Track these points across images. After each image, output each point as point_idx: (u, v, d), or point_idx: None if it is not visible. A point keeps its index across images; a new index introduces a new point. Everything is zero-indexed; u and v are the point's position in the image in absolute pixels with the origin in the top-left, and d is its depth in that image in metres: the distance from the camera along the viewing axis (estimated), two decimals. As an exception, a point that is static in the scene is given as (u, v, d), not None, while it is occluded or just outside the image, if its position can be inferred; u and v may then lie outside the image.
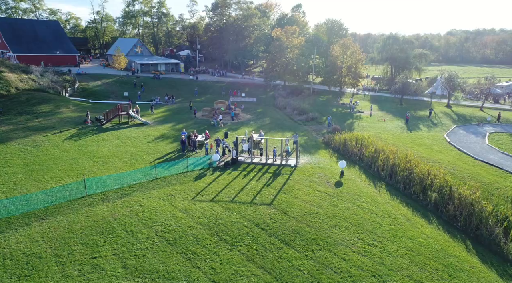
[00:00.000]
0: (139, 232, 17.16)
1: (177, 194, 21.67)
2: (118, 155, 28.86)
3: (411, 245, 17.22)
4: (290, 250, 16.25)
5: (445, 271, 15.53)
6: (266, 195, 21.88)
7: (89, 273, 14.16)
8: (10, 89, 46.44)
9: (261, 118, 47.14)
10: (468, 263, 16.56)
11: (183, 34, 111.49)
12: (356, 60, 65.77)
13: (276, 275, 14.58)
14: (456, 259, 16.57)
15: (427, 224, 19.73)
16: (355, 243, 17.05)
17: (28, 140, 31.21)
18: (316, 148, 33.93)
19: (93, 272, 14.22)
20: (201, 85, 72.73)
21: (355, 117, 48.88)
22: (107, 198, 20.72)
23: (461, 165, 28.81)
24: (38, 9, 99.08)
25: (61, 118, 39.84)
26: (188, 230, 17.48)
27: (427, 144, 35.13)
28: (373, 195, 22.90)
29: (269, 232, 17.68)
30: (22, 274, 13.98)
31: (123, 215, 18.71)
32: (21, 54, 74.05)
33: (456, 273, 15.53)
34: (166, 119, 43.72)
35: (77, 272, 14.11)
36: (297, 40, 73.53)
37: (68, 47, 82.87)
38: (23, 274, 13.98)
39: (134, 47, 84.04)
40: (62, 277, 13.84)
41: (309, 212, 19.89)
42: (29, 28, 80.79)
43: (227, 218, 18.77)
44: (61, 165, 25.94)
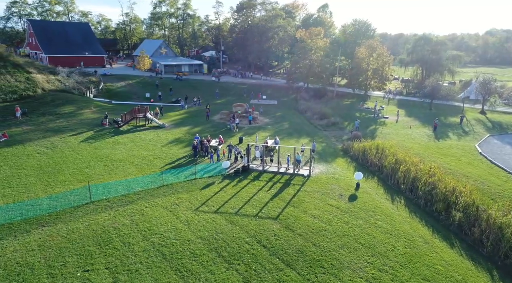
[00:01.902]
0: (136, 244, 16.58)
1: (181, 203, 21.02)
2: (130, 159, 28.68)
3: (427, 272, 15.56)
4: (291, 272, 15.08)
5: (464, 306, 13.87)
6: (273, 208, 20.78)
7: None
8: (36, 90, 47.93)
9: (280, 123, 45.96)
10: (493, 296, 14.76)
11: (208, 35, 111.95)
12: (383, 62, 63.06)
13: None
14: (478, 291, 14.82)
15: (448, 248, 17.91)
16: (364, 268, 15.62)
17: (45, 141, 31.75)
18: (334, 156, 32.38)
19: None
20: (222, 86, 72.44)
21: (379, 123, 46.65)
22: (111, 205, 20.37)
23: (493, 180, 26.38)
24: (71, 12, 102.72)
25: (81, 119, 40.50)
26: (187, 244, 16.71)
27: (456, 155, 32.66)
28: (390, 211, 21.23)
29: (271, 250, 16.59)
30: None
31: (123, 224, 18.23)
32: (52, 55, 76.66)
33: (477, 309, 13.83)
34: (183, 122, 43.49)
35: (66, 286, 13.65)
36: (322, 41, 71.73)
37: (97, 49, 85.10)
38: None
39: (159, 48, 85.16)
40: (50, 291, 13.45)
41: (317, 229, 18.60)
42: (60, 30, 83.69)
43: (229, 233, 17.86)
44: (73, 168, 26.02)
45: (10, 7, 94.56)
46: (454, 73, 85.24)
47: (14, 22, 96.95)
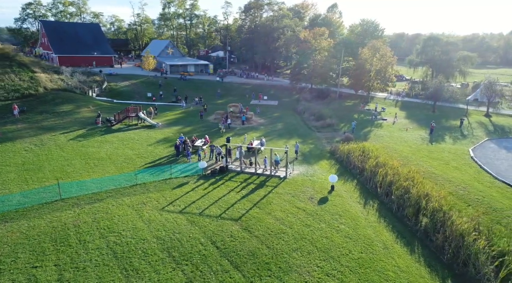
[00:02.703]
0: (91, 242, 16.85)
1: (149, 202, 21.23)
2: (112, 158, 29.17)
3: (375, 278, 15.19)
4: (237, 275, 15.01)
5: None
6: (238, 209, 20.73)
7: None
8: (38, 88, 49.30)
9: (274, 123, 45.78)
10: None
11: (217, 36, 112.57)
12: (386, 63, 61.83)
13: (210, 303, 13.49)
14: (428, 300, 14.35)
15: (407, 254, 17.40)
16: (312, 271, 15.38)
17: (35, 139, 32.66)
18: (319, 158, 31.99)
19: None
20: (226, 87, 72.74)
21: (376, 125, 45.78)
22: (79, 202, 20.78)
23: (475, 185, 25.48)
24: (83, 13, 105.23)
25: (76, 118, 41.45)
26: (141, 244, 16.86)
27: (445, 159, 31.72)
28: (358, 215, 20.82)
29: (223, 251, 16.55)
30: (-39, 278, 14.18)
31: (85, 222, 18.56)
32: (62, 55, 78.75)
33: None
34: (177, 122, 43.91)
35: (10, 282, 14.00)
36: (326, 42, 70.97)
37: (106, 49, 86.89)
38: (-38, 278, 14.18)
39: (165, 48, 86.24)
40: (-5, 285, 13.84)
41: (276, 231, 18.44)
42: (71, 30, 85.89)
43: (186, 233, 17.93)
44: (54, 166, 26.67)
45: (25, 9, 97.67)
46: (466, 75, 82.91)
47: (29, 23, 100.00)
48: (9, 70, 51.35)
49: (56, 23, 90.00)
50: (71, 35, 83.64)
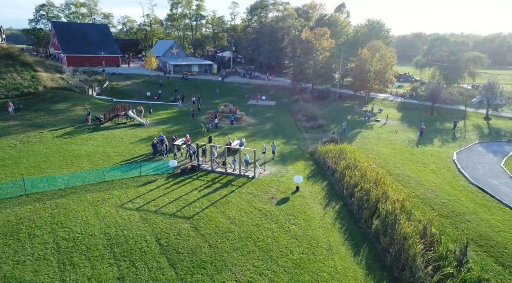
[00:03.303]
0: (40, 236, 17.42)
1: (110, 199, 21.73)
2: (91, 155, 29.93)
3: (307, 279, 15.12)
4: (170, 272, 15.24)
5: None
6: (194, 208, 20.96)
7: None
8: (38, 87, 50.90)
9: (264, 124, 45.81)
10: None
11: (224, 36, 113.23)
12: (385, 64, 60.81)
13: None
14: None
15: (351, 256, 17.20)
16: (245, 271, 15.45)
17: (23, 136, 33.83)
18: (297, 159, 31.87)
19: (-33, 272, 14.71)
20: (226, 87, 73.14)
21: (367, 127, 45.14)
22: (42, 198, 21.48)
23: (446, 189, 24.87)
24: (93, 14, 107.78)
25: (69, 116, 42.64)
26: (87, 239, 17.32)
27: (425, 161, 31.04)
28: (313, 216, 20.70)
29: (165, 248, 16.81)
30: None
31: (41, 217, 19.19)
32: (70, 55, 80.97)
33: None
34: (167, 121, 44.56)
35: (-49, 270, 14.67)
36: (327, 42, 70.37)
37: (113, 49, 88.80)
38: None
39: (170, 48, 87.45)
40: None
41: (224, 230, 18.57)
42: (80, 31, 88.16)
43: (135, 230, 18.29)
44: (32, 162, 27.60)
45: (39, 10, 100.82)
46: (475, 76, 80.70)
47: (42, 24, 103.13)
48: (12, 69, 53.23)
49: (65, 24, 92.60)
50: (80, 36, 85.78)
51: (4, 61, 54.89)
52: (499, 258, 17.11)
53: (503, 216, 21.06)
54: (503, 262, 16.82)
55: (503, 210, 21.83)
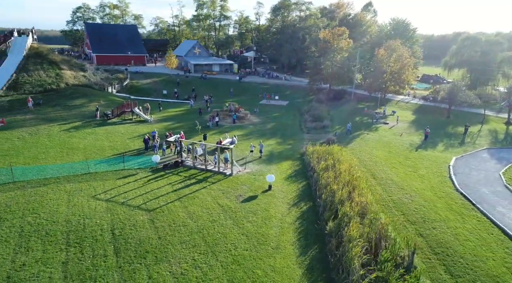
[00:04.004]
0: (9, 220, 18.91)
1: (86, 190, 23.04)
2: (87, 148, 31.75)
3: (239, 275, 15.31)
4: (112, 259, 16.05)
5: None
6: (160, 201, 21.75)
7: None
8: (60, 84, 54.43)
9: (267, 123, 45.98)
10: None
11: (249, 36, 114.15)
12: (402, 64, 58.61)
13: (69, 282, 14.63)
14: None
15: (296, 256, 17.07)
16: (182, 263, 15.91)
17: (33, 128, 36.48)
18: (285, 159, 31.82)
19: None
20: (243, 86, 73.96)
21: (372, 129, 43.89)
22: (26, 185, 23.21)
23: (426, 195, 23.82)
24: (124, 15, 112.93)
25: (82, 111, 45.26)
26: (49, 225, 18.59)
27: (417, 166, 29.81)
28: (274, 215, 20.73)
29: (116, 238, 17.68)
30: None
31: (17, 202, 20.81)
32: (100, 54, 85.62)
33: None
34: (172, 118, 46.03)
35: None
36: (345, 42, 68.99)
37: (139, 49, 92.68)
38: None
39: (192, 48, 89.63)
40: None
41: (179, 224, 19.16)
42: (110, 31, 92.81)
43: (96, 219, 19.34)
44: (32, 153, 29.78)
45: (75, 12, 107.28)
46: (510, 77, 75.65)
47: (79, 25, 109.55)
48: (39, 67, 57.29)
49: (97, 25, 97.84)
50: (110, 36, 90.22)
51: (33, 60, 59.17)
52: (451, 267, 16.28)
53: (475, 225, 19.90)
54: (453, 271, 15.99)
55: (478, 219, 20.61)
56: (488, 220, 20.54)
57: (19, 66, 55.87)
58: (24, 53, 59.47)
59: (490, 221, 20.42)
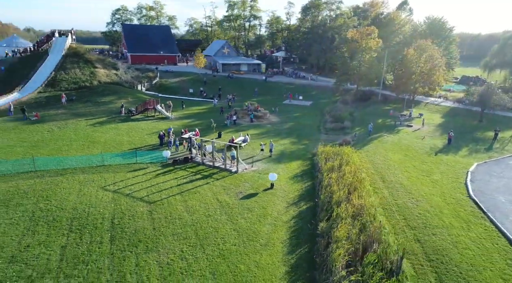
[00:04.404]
0: (24, 205, 20.50)
1: (98, 181, 24.45)
2: (107, 142, 33.54)
3: (222, 268, 15.66)
4: (106, 246, 17.01)
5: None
6: (162, 194, 22.61)
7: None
8: (93, 81, 57.66)
9: (285, 123, 45.99)
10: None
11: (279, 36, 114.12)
12: (432, 65, 56.10)
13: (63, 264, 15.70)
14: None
15: (284, 254, 17.10)
16: (170, 253, 16.54)
17: (62, 122, 39.06)
18: (295, 158, 31.77)
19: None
20: (268, 86, 74.23)
21: (394, 131, 42.47)
22: (44, 174, 25.00)
23: (434, 200, 22.85)
24: (160, 17, 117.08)
25: (110, 107, 47.70)
26: (57, 212, 19.97)
27: (432, 171, 28.60)
28: (270, 213, 20.87)
29: (114, 227, 18.68)
30: None
31: (34, 190, 22.51)
32: (134, 54, 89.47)
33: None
34: (193, 116, 47.31)
35: None
36: (374, 41, 67.09)
37: (171, 48, 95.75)
38: None
39: (221, 48, 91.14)
40: None
41: (175, 216, 19.86)
42: (145, 32, 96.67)
43: (100, 208, 20.51)
44: (57, 145, 31.97)
45: (114, 14, 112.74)
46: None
47: (118, 26, 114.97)
48: (75, 66, 60.98)
49: (133, 26, 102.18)
50: (144, 36, 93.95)
51: (71, 59, 63.05)
52: (442, 275, 15.61)
53: (480, 234, 18.86)
54: (444, 280, 15.33)
55: (485, 228, 19.49)
56: (497, 229, 19.37)
57: (57, 65, 59.77)
58: (63, 53, 63.51)
59: (498, 230, 19.25)
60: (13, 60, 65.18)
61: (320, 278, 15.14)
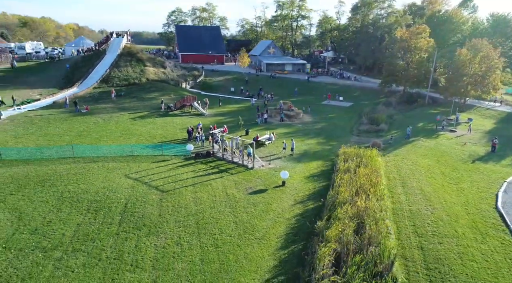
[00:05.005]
0: (56, 187, 23.04)
1: (123, 169, 26.58)
2: (142, 134, 36.08)
3: (211, 256, 16.37)
4: (114, 227, 18.64)
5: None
6: (176, 185, 23.97)
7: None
8: (141, 79, 61.82)
9: (317, 123, 45.57)
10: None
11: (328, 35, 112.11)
12: (487, 67, 51.67)
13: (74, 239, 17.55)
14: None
15: (277, 249, 17.26)
16: (168, 239, 17.67)
17: (107, 115, 42.65)
18: (317, 158, 31.57)
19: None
20: (310, 86, 73.60)
21: (433, 136, 40.05)
22: (80, 161, 27.74)
23: (453, 209, 21.44)
24: (211, 18, 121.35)
25: (152, 103, 50.91)
26: (82, 194, 22.19)
27: (461, 179, 26.70)
28: (274, 209, 21.18)
29: (126, 210, 20.34)
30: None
31: (68, 173, 25.15)
32: (184, 53, 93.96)
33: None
34: (227, 114, 48.77)
35: (-10, 197, 21.28)
36: (424, 41, 63.51)
37: (220, 48, 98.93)
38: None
39: (267, 48, 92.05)
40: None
41: (182, 205, 21.04)
42: (196, 32, 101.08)
43: (118, 193, 22.38)
44: (99, 135, 35.13)
45: (170, 16, 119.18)
46: None
47: (172, 27, 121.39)
48: (128, 64, 65.80)
49: (185, 27, 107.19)
50: (194, 37, 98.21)
51: (125, 58, 68.10)
52: (435, 286, 14.82)
53: (494, 247, 17.42)
54: (434, 291, 14.54)
55: (502, 241, 17.95)
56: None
57: (112, 63, 64.98)
58: (118, 52, 68.85)
59: (517, 245, 17.62)
60: (77, 58, 72.31)
61: (304, 275, 15.19)
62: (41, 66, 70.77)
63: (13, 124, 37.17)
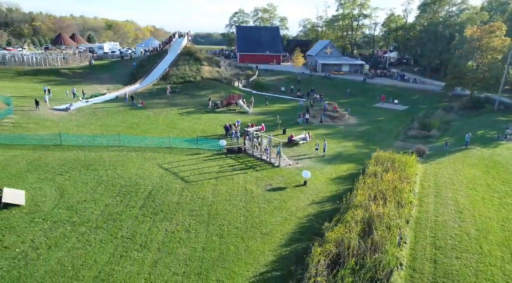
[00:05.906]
0: (97, 170, 25.71)
1: (158, 159, 28.64)
2: (185, 128, 38.33)
3: (213, 245, 17.10)
4: (136, 211, 20.35)
5: None
6: (200, 177, 25.21)
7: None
8: (196, 77, 65.16)
9: (361, 126, 44.09)
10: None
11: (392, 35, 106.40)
12: None
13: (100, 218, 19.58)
14: None
15: (279, 245, 17.38)
16: (179, 225, 18.83)
17: (158, 110, 45.96)
18: (349, 161, 30.77)
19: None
20: (365, 87, 71.05)
21: (492, 145, 36.26)
22: (123, 149, 30.47)
23: (486, 224, 19.45)
24: (272, 18, 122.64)
25: (202, 100, 53.47)
26: (116, 179, 24.47)
27: (510, 193, 23.99)
28: (288, 207, 21.26)
29: (149, 196, 22.04)
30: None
31: (110, 160, 27.87)
32: (242, 53, 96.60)
33: None
34: (270, 113, 49.28)
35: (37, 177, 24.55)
36: (499, 40, 57.43)
37: (277, 49, 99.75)
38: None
39: (324, 48, 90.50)
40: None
41: (200, 196, 22.16)
42: (255, 33, 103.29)
43: (147, 180, 24.28)
44: (147, 127, 38.13)
45: (232, 17, 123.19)
46: None
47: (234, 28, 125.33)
48: (186, 63, 69.80)
49: (245, 27, 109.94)
50: (253, 37, 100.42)
51: (184, 57, 72.31)
52: (435, 302, 13.78)
53: (518, 270, 15.56)
54: (433, 306, 13.53)
55: (532, 264, 15.93)
56: (551, 269, 15.63)
57: (172, 62, 69.41)
58: (178, 52, 73.27)
59: (552, 271, 15.51)
60: (143, 57, 78.59)
61: (296, 273, 15.20)
62: (113, 64, 78.24)
63: (79, 114, 41.91)
